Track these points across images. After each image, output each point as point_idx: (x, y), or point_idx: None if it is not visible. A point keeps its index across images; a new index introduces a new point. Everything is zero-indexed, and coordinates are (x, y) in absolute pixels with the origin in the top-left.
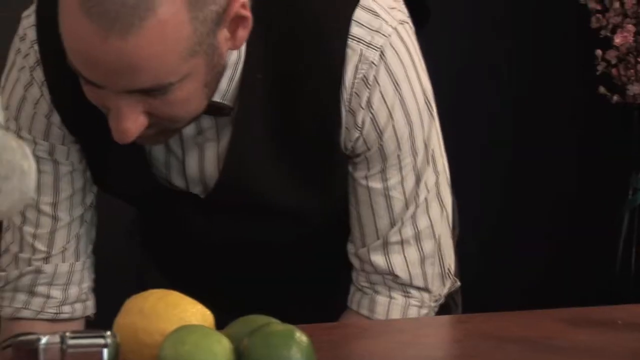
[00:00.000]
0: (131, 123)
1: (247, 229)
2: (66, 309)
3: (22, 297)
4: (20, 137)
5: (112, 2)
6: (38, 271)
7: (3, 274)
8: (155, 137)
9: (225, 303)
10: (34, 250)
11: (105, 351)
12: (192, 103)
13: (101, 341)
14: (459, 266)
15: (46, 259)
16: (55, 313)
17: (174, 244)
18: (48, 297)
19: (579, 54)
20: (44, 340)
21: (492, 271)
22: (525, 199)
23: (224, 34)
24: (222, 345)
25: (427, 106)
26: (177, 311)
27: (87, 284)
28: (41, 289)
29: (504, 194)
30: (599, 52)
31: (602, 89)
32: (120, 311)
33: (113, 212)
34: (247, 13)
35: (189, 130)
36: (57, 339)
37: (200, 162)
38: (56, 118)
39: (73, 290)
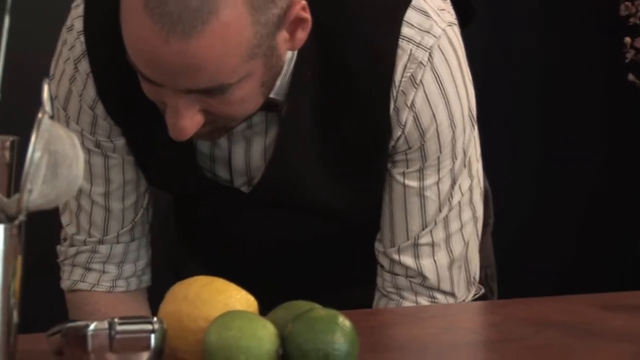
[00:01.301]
0: (188, 121)
1: (287, 225)
2: (121, 283)
3: (79, 271)
4: (68, 127)
5: (175, 4)
6: (93, 251)
7: (63, 248)
8: (209, 134)
9: (259, 294)
10: (89, 234)
11: (153, 337)
12: (249, 102)
13: (149, 327)
14: (494, 254)
15: (101, 241)
16: (110, 286)
17: (211, 236)
18: (103, 272)
19: (608, 42)
20: (92, 326)
21: (525, 259)
22: (556, 188)
23: (283, 35)
24: (266, 330)
25: (470, 112)
26: (221, 297)
27: (143, 260)
28: (96, 265)
29: (535, 184)
30: (627, 39)
31: (631, 77)
32: (165, 297)
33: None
34: (307, 15)
35: (240, 125)
36: (105, 325)
37: (247, 155)
38: (101, 110)
39: (127, 267)
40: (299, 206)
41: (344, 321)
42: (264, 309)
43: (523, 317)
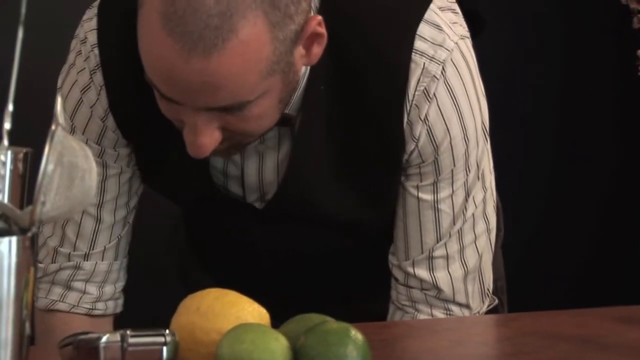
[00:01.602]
0: (207, 138)
1: (299, 238)
2: (100, 305)
3: (58, 290)
4: (73, 136)
5: (195, 23)
6: (77, 267)
7: (41, 265)
8: (226, 151)
9: (272, 306)
10: (75, 247)
11: (165, 349)
12: (266, 118)
13: (161, 339)
14: (504, 266)
15: (86, 256)
16: (89, 309)
17: (222, 248)
18: (84, 292)
19: (620, 55)
20: (104, 338)
21: (536, 271)
22: (567, 199)
23: (300, 51)
24: (279, 343)
25: (483, 124)
26: (234, 310)
27: (122, 283)
28: (78, 284)
29: (547, 194)
30: None
31: None
32: (177, 310)
33: (158, 210)
34: (323, 30)
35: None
36: (117, 337)
37: (259, 170)
38: (111, 122)
39: (108, 289)
40: (312, 220)
41: (356, 334)
42: (276, 322)
43: (536, 330)
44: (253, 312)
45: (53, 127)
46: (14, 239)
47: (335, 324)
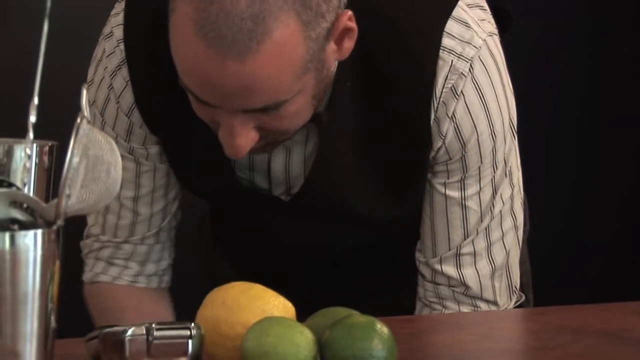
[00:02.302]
0: (244, 139)
1: (324, 234)
2: (142, 279)
3: (101, 264)
4: (104, 131)
5: (229, 27)
6: (117, 247)
7: (87, 241)
8: (262, 149)
9: (297, 300)
10: (115, 235)
11: (190, 342)
12: (301, 115)
13: (186, 333)
14: (529, 261)
15: (125, 242)
16: (131, 281)
17: (248, 242)
18: (125, 267)
19: None
20: (129, 331)
21: (561, 266)
22: (593, 194)
23: (331, 47)
24: (304, 336)
25: (510, 122)
26: (259, 303)
27: (166, 261)
28: (119, 261)
29: (571, 189)
30: None
31: None
32: (203, 303)
33: (185, 203)
34: (354, 25)
35: None
36: (143, 330)
37: (286, 164)
38: (137, 117)
39: (150, 266)
40: (338, 215)
41: (382, 328)
42: (302, 316)
43: (562, 324)
44: (278, 305)
45: (78, 119)
46: (39, 232)
47: (361, 318)
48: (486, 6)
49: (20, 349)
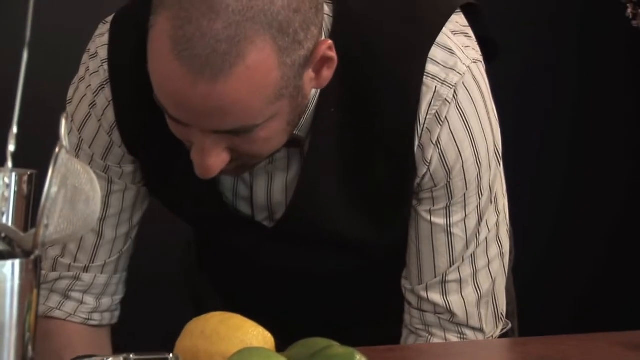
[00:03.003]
0: (214, 159)
1: (308, 259)
2: (96, 316)
3: (56, 297)
4: (80, 149)
5: (203, 47)
6: (76, 278)
7: (43, 272)
8: (234, 171)
9: (280, 328)
10: (75, 258)
11: None
12: (274, 141)
13: None
14: (514, 287)
15: (86, 269)
16: (85, 319)
17: (232, 268)
18: (81, 302)
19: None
20: None
21: (544, 292)
22: (577, 219)
23: (309, 74)
24: None
25: (495, 148)
26: (238, 334)
27: (120, 295)
28: (75, 294)
29: (555, 218)
30: None
31: None
32: (182, 333)
33: (169, 230)
34: (334, 54)
35: (262, 162)
36: None
37: (268, 190)
38: (117, 137)
39: (105, 301)
40: (321, 241)
41: (361, 359)
42: (281, 346)
43: (544, 355)
44: (258, 336)
45: (57, 149)
46: (17, 261)
47: (341, 349)
48: (471, 33)
49: None
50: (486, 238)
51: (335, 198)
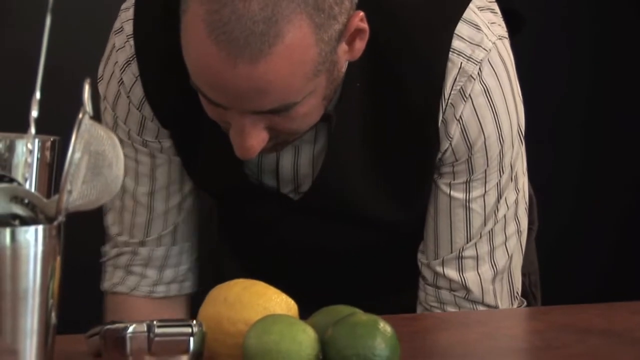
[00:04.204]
0: (254, 140)
1: (331, 233)
2: (160, 288)
3: (119, 273)
4: (117, 126)
5: (240, 29)
6: (134, 252)
7: (106, 249)
8: (272, 148)
9: (300, 298)
10: (132, 234)
11: (192, 340)
12: (312, 116)
13: (188, 330)
14: (537, 259)
15: (142, 243)
16: (149, 291)
17: (254, 239)
18: (143, 276)
19: None
20: (130, 328)
21: (567, 264)
22: (598, 193)
23: (343, 47)
24: (306, 334)
25: (518, 127)
26: (261, 300)
27: (185, 266)
28: (136, 268)
29: (577, 189)
30: None
31: None
32: (205, 300)
33: None
34: (365, 25)
35: None
36: (144, 327)
37: (295, 163)
38: (148, 111)
39: (168, 272)
40: (344, 215)
41: (385, 326)
42: (304, 313)
43: (566, 324)
44: (281, 303)
45: (80, 115)
46: (40, 227)
47: (364, 316)
48: (497, 9)
49: (20, 346)
50: (505, 215)
51: (360, 171)
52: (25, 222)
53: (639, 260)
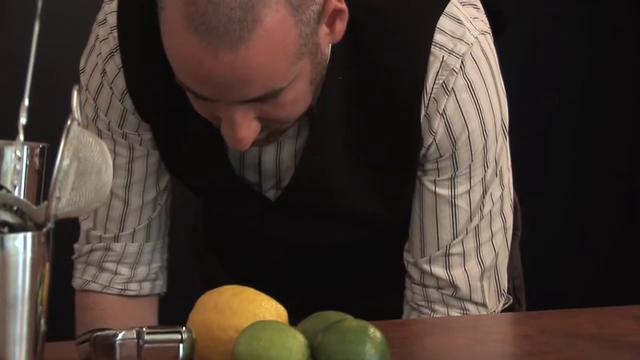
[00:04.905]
0: (246, 131)
1: (313, 232)
2: (133, 286)
3: (91, 270)
4: (98, 117)
5: (218, 18)
6: (107, 248)
7: (77, 246)
8: (266, 140)
9: (289, 304)
10: (105, 229)
11: (181, 346)
12: (300, 102)
13: (177, 337)
14: (522, 265)
15: (116, 238)
16: (121, 289)
17: (239, 241)
18: (115, 273)
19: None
20: (120, 335)
21: (556, 268)
22: (587, 196)
23: (323, 30)
24: (296, 340)
25: (502, 121)
26: (251, 307)
27: (157, 264)
28: (109, 265)
29: (565, 192)
30: None
31: None
32: (195, 306)
33: (178, 208)
34: (344, 6)
35: None
36: (133, 334)
37: (277, 157)
38: (129, 104)
39: (141, 270)
40: (327, 212)
41: (374, 332)
42: (294, 319)
43: (556, 329)
44: (270, 309)
45: (69, 122)
46: (29, 234)
47: (354, 322)
48: (480, 5)
49: (9, 353)
50: (490, 211)
51: (342, 165)
52: (14, 229)
53: (628, 265)
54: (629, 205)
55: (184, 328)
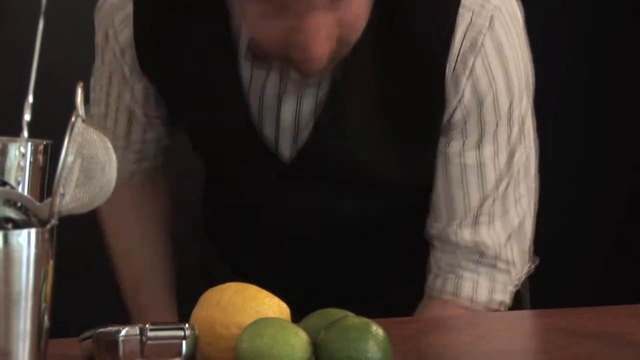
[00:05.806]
0: (321, 45)
1: (326, 202)
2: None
3: None
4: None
5: None
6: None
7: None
8: (329, 62)
9: (292, 301)
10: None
11: (184, 343)
12: (362, 14)
13: (180, 333)
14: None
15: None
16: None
17: (242, 232)
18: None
19: None
20: (123, 332)
21: (557, 267)
22: (593, 195)
23: None
24: (299, 337)
25: (527, 82)
26: (254, 304)
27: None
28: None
29: (570, 191)
30: None
31: None
32: (198, 303)
33: (180, 204)
34: None
35: (293, 75)
36: (136, 330)
37: (296, 110)
38: (129, 57)
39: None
40: (344, 177)
41: (377, 329)
42: (297, 317)
43: (561, 327)
44: (273, 306)
45: (73, 118)
46: (32, 231)
47: (356, 319)
48: None
49: (12, 349)
50: (516, 174)
51: (362, 126)
52: (18, 225)
53: (633, 263)
54: (633, 203)
55: (187, 325)
